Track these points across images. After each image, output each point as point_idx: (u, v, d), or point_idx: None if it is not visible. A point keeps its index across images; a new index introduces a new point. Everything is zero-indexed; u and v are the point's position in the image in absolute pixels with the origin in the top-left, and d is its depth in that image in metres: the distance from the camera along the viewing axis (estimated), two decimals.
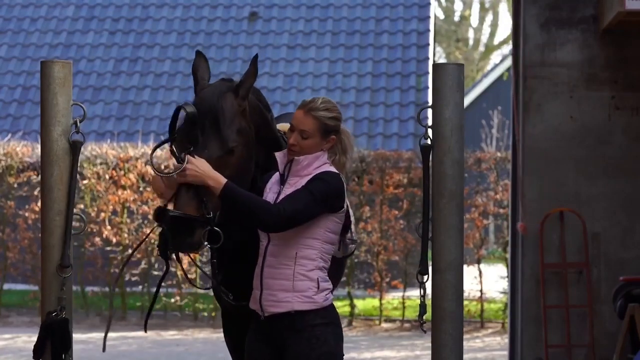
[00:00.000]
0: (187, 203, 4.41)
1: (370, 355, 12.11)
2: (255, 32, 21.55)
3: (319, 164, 4.59)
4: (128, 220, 14.97)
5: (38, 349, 4.52)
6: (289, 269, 4.51)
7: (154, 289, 15.08)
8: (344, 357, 4.64)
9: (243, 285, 4.83)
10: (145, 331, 4.77)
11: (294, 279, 4.50)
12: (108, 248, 14.98)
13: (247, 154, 4.62)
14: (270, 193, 4.64)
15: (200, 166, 4.40)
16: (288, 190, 4.57)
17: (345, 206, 4.59)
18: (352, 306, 14.81)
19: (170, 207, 4.45)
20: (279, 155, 4.67)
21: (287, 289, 4.51)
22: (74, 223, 4.63)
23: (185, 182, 4.42)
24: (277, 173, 4.69)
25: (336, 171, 4.58)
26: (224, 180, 4.40)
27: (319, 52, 21.00)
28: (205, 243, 4.44)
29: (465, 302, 11.36)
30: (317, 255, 4.53)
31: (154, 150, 4.71)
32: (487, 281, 15.12)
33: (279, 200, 4.53)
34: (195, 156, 4.42)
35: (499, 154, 15.42)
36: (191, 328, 14.31)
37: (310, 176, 4.55)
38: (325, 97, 4.67)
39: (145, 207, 14.87)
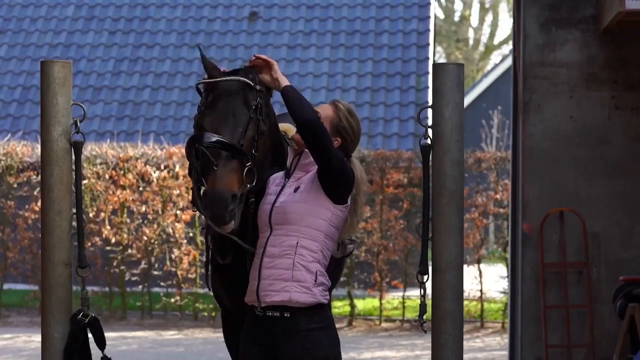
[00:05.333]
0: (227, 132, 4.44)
1: (370, 355, 12.11)
2: (255, 32, 21.55)
3: None
4: (128, 220, 14.97)
5: (80, 350, 4.58)
6: (289, 258, 4.49)
7: (154, 289, 15.14)
8: None
9: (239, 284, 4.86)
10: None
11: (294, 268, 4.48)
12: (108, 248, 14.99)
13: (271, 142, 4.65)
14: (273, 186, 4.66)
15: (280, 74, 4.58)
16: (292, 184, 4.59)
17: (348, 202, 4.57)
18: (352, 306, 14.82)
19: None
20: (290, 150, 4.73)
21: (285, 278, 4.48)
22: (73, 223, 4.64)
23: (264, 59, 4.58)
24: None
25: None
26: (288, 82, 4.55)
27: (319, 52, 21.01)
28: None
29: (465, 302, 11.38)
30: (318, 248, 4.51)
31: None
32: (487, 281, 15.12)
33: (277, 200, 4.56)
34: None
35: (499, 154, 15.42)
36: (191, 328, 14.31)
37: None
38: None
39: (144, 207, 14.88)
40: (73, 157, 4.62)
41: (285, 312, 4.48)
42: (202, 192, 4.43)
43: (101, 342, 4.67)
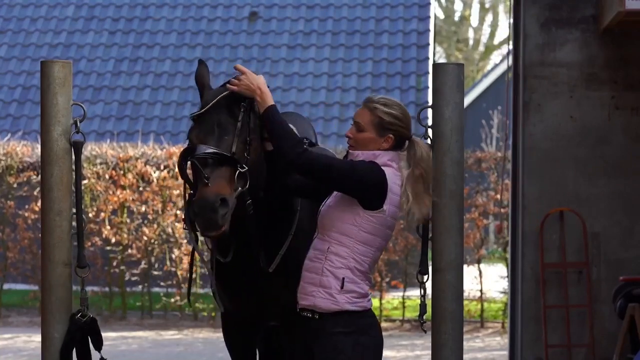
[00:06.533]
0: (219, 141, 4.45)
1: None
2: (255, 32, 21.55)
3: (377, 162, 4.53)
4: (128, 220, 14.97)
5: (79, 351, 4.59)
6: (319, 262, 4.51)
7: (154, 289, 15.13)
8: None
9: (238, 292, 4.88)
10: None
11: (322, 274, 4.49)
12: (108, 248, 14.99)
13: (260, 152, 4.62)
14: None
15: (253, 80, 4.49)
16: None
17: (385, 209, 4.49)
18: None
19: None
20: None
21: (315, 282, 4.50)
22: (73, 223, 4.64)
23: (239, 91, 4.49)
24: None
25: (388, 169, 4.50)
26: (271, 101, 4.47)
27: (319, 52, 21.00)
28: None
29: (465, 302, 11.37)
30: (349, 254, 4.47)
31: None
32: (487, 281, 15.12)
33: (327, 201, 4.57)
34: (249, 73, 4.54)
35: (499, 154, 15.42)
36: (191, 328, 14.31)
37: None
38: (392, 98, 4.65)
39: (144, 207, 14.87)
40: (73, 157, 4.63)
41: (315, 314, 4.50)
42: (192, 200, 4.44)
43: (98, 343, 4.66)
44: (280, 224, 4.78)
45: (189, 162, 4.49)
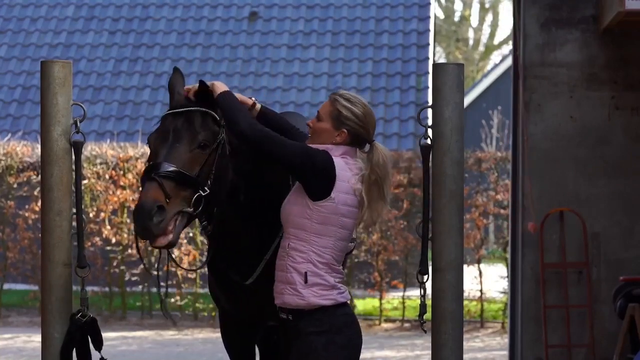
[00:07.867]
0: (176, 158, 4.41)
1: (370, 355, 12.10)
2: (255, 32, 21.55)
3: None
4: (128, 220, 14.97)
5: (79, 350, 4.59)
6: (283, 260, 4.51)
7: (154, 289, 15.12)
8: None
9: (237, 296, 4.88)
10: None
11: (287, 271, 4.47)
12: (108, 248, 14.99)
13: (221, 155, 4.54)
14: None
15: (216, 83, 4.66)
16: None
17: (334, 197, 4.42)
18: (352, 306, 14.81)
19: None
20: None
21: (282, 280, 4.50)
22: (73, 223, 4.64)
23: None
24: None
25: (339, 159, 4.48)
26: (225, 88, 4.59)
27: (319, 52, 21.00)
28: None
29: (465, 302, 11.38)
30: (308, 248, 4.44)
31: None
32: (487, 281, 15.12)
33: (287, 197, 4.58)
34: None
35: (499, 154, 15.43)
36: (191, 328, 14.31)
37: None
38: (359, 96, 4.63)
39: None
40: (73, 157, 4.63)
41: (289, 314, 4.49)
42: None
43: (98, 344, 4.66)
44: (266, 226, 4.72)
45: None
